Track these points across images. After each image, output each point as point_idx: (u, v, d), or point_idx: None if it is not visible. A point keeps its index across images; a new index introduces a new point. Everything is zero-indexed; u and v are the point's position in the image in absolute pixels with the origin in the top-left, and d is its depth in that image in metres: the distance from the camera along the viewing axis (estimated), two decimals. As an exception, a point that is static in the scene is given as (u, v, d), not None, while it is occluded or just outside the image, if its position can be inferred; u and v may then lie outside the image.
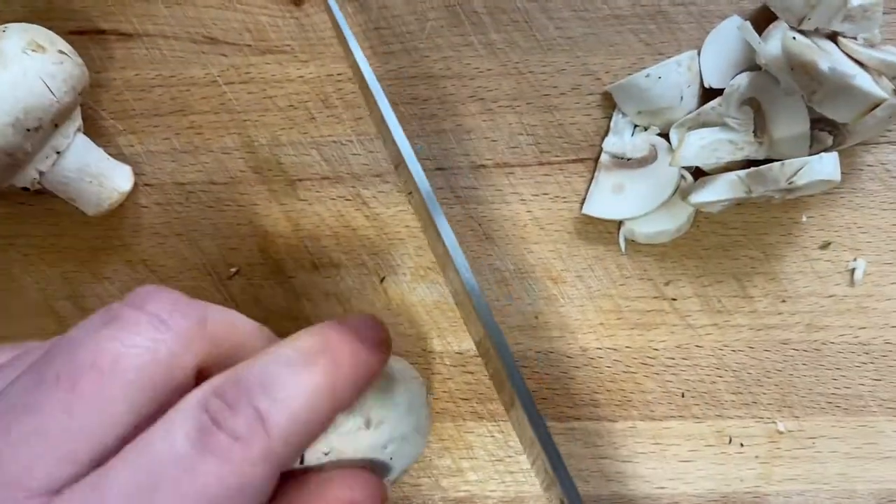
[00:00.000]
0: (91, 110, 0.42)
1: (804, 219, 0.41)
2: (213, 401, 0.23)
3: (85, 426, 0.22)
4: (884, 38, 0.39)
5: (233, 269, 0.42)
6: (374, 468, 0.31)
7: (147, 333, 0.23)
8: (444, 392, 0.41)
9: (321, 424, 0.25)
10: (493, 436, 0.42)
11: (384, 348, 0.28)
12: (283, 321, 0.42)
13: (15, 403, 0.22)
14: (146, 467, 0.22)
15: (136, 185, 0.41)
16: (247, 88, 0.41)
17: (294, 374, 0.25)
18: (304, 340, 0.26)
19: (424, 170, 0.41)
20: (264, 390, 0.24)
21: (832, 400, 0.41)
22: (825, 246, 0.41)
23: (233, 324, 0.26)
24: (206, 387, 0.24)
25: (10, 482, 0.21)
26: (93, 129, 0.41)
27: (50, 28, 0.39)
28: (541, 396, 0.41)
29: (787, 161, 0.37)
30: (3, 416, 0.22)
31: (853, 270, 0.41)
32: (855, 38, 0.39)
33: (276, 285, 0.42)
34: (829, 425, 0.41)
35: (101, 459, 0.22)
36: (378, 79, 0.41)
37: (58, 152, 0.38)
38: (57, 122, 0.37)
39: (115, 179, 0.40)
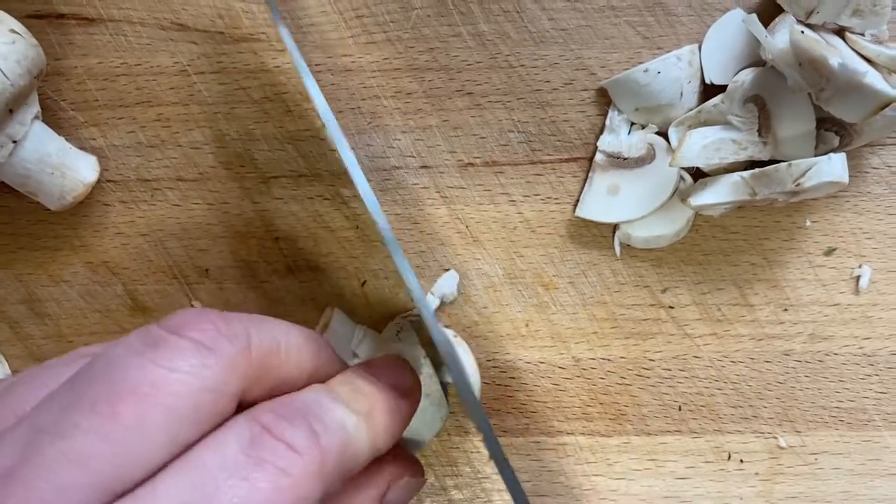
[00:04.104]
0: (50, 100, 0.39)
1: (808, 223, 0.39)
2: (266, 414, 0.23)
3: (122, 453, 0.21)
4: (891, 35, 0.37)
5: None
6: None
7: (192, 360, 0.23)
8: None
9: (359, 463, 0.26)
10: (478, 451, 0.39)
11: (415, 397, 0.29)
12: (255, 328, 0.39)
13: (46, 425, 0.21)
14: (196, 479, 0.21)
15: (98, 181, 0.38)
16: (218, 79, 0.39)
17: (340, 409, 0.25)
18: (344, 385, 0.27)
19: (408, 168, 0.39)
20: (316, 414, 0.24)
21: (835, 414, 0.39)
22: (829, 252, 0.39)
23: (274, 344, 0.26)
24: (254, 408, 0.24)
25: None
26: (52, 121, 0.38)
27: (4, 11, 0.36)
28: (530, 410, 0.39)
29: (794, 162, 0.35)
30: (33, 438, 0.21)
31: (858, 278, 0.39)
32: (862, 35, 0.37)
33: (249, 290, 0.39)
34: (833, 440, 0.39)
35: (135, 486, 0.21)
36: (361, 70, 0.38)
37: (14, 141, 0.35)
38: (12, 107, 0.34)
39: (79, 170, 0.37)
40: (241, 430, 0.23)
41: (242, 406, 0.24)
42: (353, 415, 0.26)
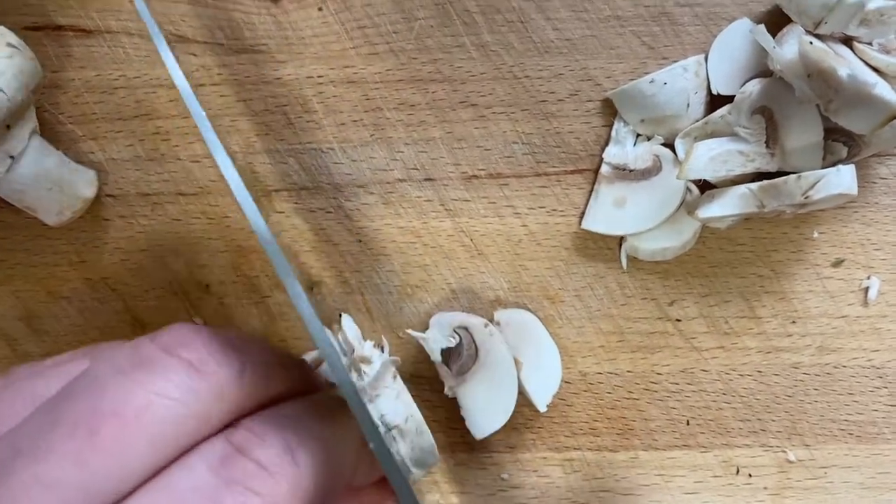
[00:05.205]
0: (47, 114, 0.38)
1: (815, 235, 0.38)
2: (239, 432, 0.22)
3: (97, 478, 0.20)
4: (899, 44, 0.37)
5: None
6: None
7: (179, 382, 0.22)
8: (434, 422, 0.38)
9: (343, 475, 0.25)
10: (485, 468, 0.39)
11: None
12: (257, 344, 0.39)
13: (22, 446, 0.20)
14: (165, 502, 0.20)
15: (96, 196, 0.38)
16: (219, 91, 0.38)
17: (322, 420, 0.24)
18: (325, 398, 0.26)
19: (411, 180, 0.38)
20: (293, 427, 0.23)
21: (845, 427, 0.39)
22: (837, 263, 0.39)
23: (267, 371, 0.25)
24: (229, 427, 0.23)
25: None
26: (50, 135, 0.38)
27: (1, 23, 0.35)
28: (537, 425, 0.38)
29: (802, 174, 0.34)
30: (10, 460, 0.20)
31: (867, 289, 0.39)
32: (870, 44, 0.36)
33: (251, 305, 0.39)
34: (842, 454, 0.39)
35: None
36: (363, 81, 0.38)
37: (11, 157, 0.35)
38: (9, 123, 0.34)
39: (78, 185, 0.37)
40: (212, 450, 0.22)
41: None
42: (331, 422, 0.25)
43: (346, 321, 0.37)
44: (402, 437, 0.31)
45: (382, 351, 0.36)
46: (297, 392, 0.27)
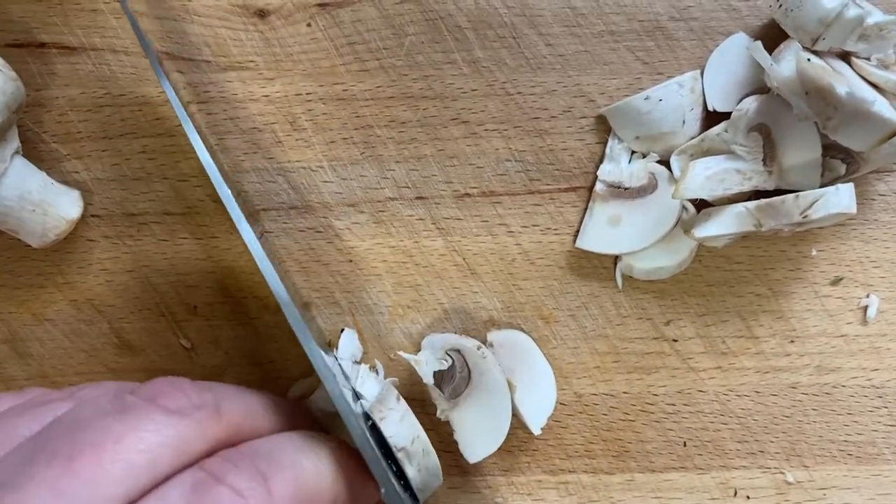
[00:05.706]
0: (31, 133, 0.37)
1: (814, 253, 0.38)
2: (213, 460, 0.23)
3: None
4: (898, 59, 0.36)
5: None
6: None
7: (157, 419, 0.23)
8: (426, 446, 0.38)
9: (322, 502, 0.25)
10: (479, 492, 0.38)
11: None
12: (245, 366, 0.38)
13: (3, 478, 0.21)
14: None
15: (82, 216, 0.37)
16: (206, 109, 0.37)
17: (299, 451, 0.25)
18: (306, 433, 0.27)
19: (402, 199, 0.37)
20: (265, 455, 0.24)
21: (844, 447, 0.38)
22: (836, 282, 0.38)
23: (248, 411, 0.26)
24: (206, 459, 0.24)
25: None
26: (33, 154, 0.37)
27: (-17, 41, 0.34)
28: (531, 448, 0.38)
29: (801, 193, 0.34)
30: None
31: (866, 308, 0.38)
32: (868, 59, 0.36)
33: (238, 326, 0.38)
34: (841, 475, 0.38)
35: None
36: (353, 99, 0.37)
37: (-7, 178, 0.34)
38: (-11, 146, 0.33)
39: (62, 206, 0.36)
40: (186, 478, 0.23)
41: None
42: (309, 453, 0.26)
43: (347, 336, 0.36)
44: (409, 460, 0.30)
45: (377, 374, 0.36)
46: (281, 430, 0.28)
